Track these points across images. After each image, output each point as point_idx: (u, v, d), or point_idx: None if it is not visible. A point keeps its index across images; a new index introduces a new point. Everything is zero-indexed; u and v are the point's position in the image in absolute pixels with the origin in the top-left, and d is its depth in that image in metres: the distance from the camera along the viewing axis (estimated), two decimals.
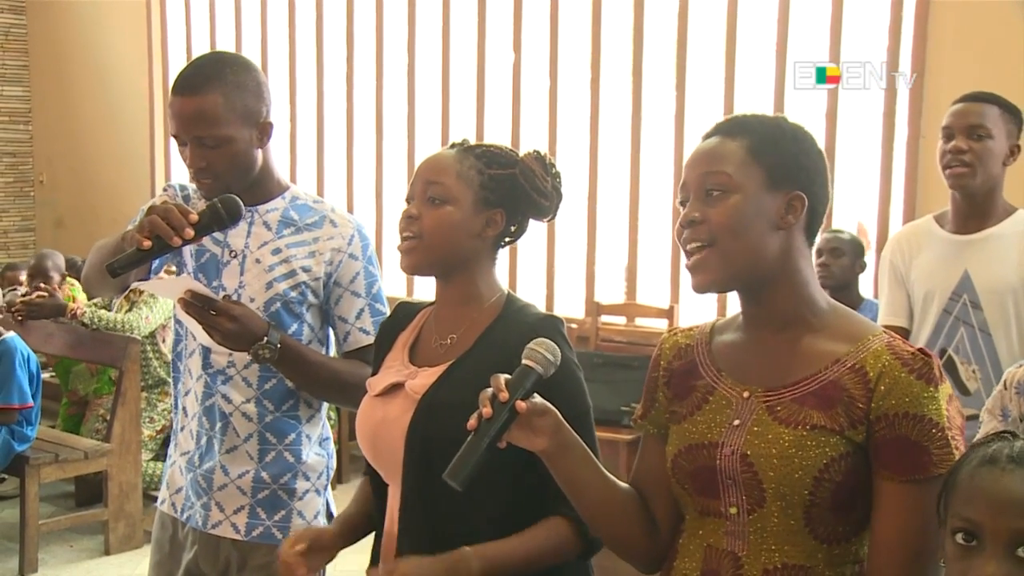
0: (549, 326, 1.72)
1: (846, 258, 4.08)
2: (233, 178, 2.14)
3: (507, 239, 1.88)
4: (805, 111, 4.65)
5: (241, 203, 2.00)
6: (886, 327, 2.89)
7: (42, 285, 5.33)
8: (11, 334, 4.67)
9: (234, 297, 2.13)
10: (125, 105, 7.59)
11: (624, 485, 1.62)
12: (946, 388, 1.44)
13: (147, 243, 1.89)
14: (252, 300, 2.16)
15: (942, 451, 1.39)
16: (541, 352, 1.49)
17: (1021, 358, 2.58)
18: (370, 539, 1.91)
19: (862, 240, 4.28)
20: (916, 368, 1.42)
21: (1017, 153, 2.85)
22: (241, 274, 2.19)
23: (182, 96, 2.10)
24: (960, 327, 2.83)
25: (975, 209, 2.85)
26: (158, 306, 5.10)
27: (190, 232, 1.90)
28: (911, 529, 1.40)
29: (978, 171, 2.79)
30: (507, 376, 1.46)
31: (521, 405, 1.44)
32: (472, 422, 1.43)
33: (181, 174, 7.37)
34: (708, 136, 1.55)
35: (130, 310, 5.17)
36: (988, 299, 2.79)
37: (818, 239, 4.34)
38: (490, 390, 1.45)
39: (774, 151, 1.49)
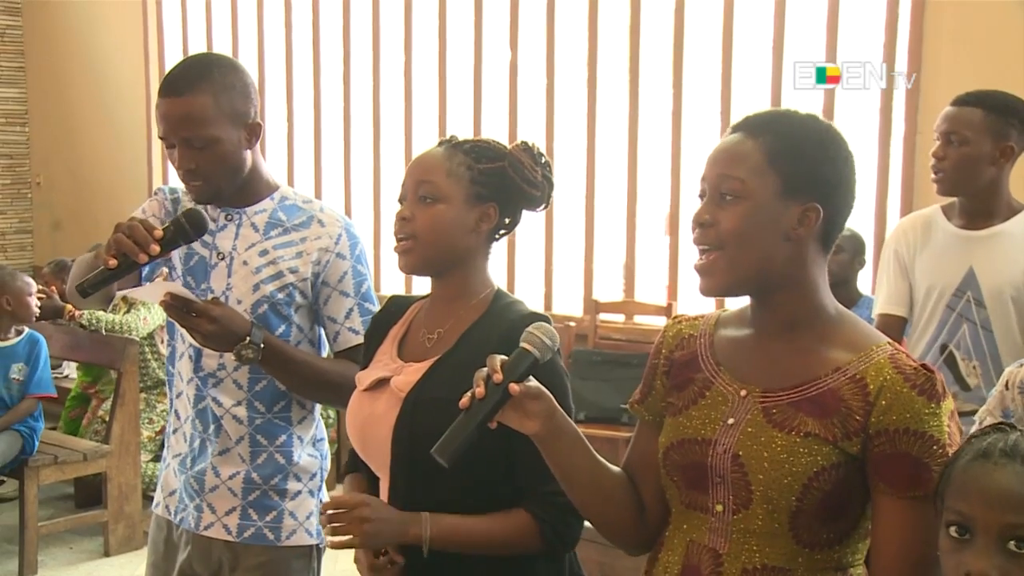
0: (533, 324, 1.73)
1: (845, 254, 4.05)
2: (222, 179, 2.13)
3: (501, 232, 1.88)
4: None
5: (207, 217, 2.01)
6: (884, 315, 2.93)
7: (40, 287, 5.33)
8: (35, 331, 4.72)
9: (222, 299, 2.12)
10: (122, 107, 7.59)
11: (615, 469, 1.62)
12: (948, 404, 1.42)
13: (113, 262, 1.89)
14: (239, 302, 2.15)
15: (943, 468, 1.38)
16: (539, 336, 1.49)
17: (1023, 356, 2.57)
18: None
19: (862, 237, 4.26)
20: (919, 384, 1.40)
21: (1010, 154, 2.79)
22: (229, 276, 2.18)
23: (169, 98, 2.08)
24: (963, 323, 2.82)
25: (979, 207, 2.83)
26: (156, 307, 5.10)
27: (155, 248, 1.90)
28: (913, 544, 1.40)
29: (951, 178, 2.79)
30: (503, 357, 1.46)
31: (515, 387, 1.43)
32: (464, 400, 1.43)
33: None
34: (733, 130, 1.52)
35: (128, 312, 5.17)
36: (992, 297, 2.78)
37: None
38: (485, 370, 1.44)
39: (794, 158, 1.46)
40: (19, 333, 4.63)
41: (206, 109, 2.07)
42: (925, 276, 2.89)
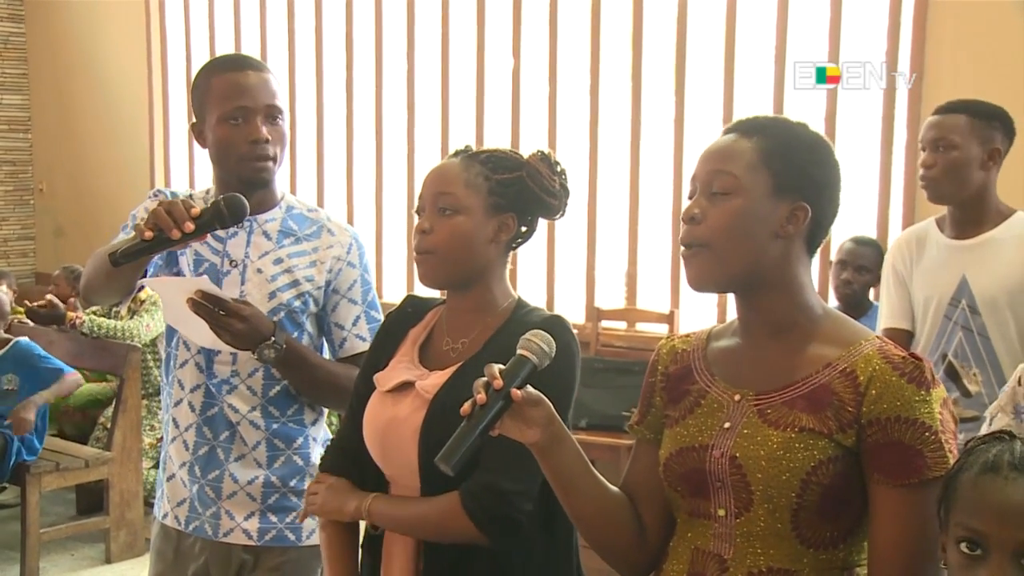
0: (555, 325, 1.72)
1: (870, 275, 3.98)
2: (280, 159, 2.20)
3: (518, 241, 1.88)
4: (805, 111, 4.64)
5: (246, 203, 1.99)
6: (889, 330, 2.95)
7: (48, 295, 5.36)
8: (24, 337, 4.72)
9: None
10: (125, 114, 7.60)
11: (615, 488, 1.61)
12: (939, 392, 1.44)
13: (149, 233, 1.88)
14: None
15: (936, 454, 1.39)
16: (536, 343, 1.49)
17: (1021, 360, 2.59)
18: None
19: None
20: (907, 372, 1.42)
21: (997, 157, 2.85)
22: (242, 284, 2.20)
23: (251, 69, 2.18)
24: (959, 332, 2.85)
25: (968, 215, 2.87)
26: (159, 314, 5.10)
27: (190, 226, 1.88)
28: (909, 533, 1.40)
29: (943, 183, 2.84)
30: (501, 365, 1.46)
31: (516, 393, 1.43)
32: (466, 408, 1.42)
33: (181, 183, 7.37)
34: (726, 132, 1.55)
35: (131, 318, 5.19)
36: (986, 304, 2.81)
37: (843, 248, 4.24)
38: (484, 378, 1.44)
39: (785, 158, 1.49)
40: (4, 343, 4.65)
41: (277, 85, 2.20)
42: (921, 288, 2.94)
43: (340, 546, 1.90)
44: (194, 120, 2.25)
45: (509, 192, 1.81)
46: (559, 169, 1.83)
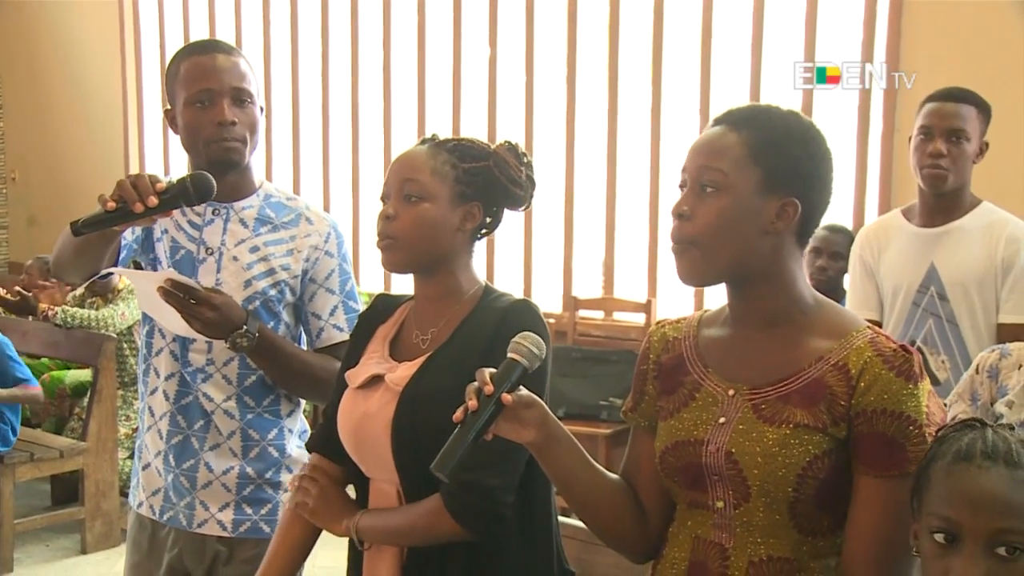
0: (521, 309, 1.74)
1: (845, 262, 4.01)
2: (252, 143, 2.18)
3: (483, 231, 1.88)
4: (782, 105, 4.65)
5: (213, 182, 1.97)
6: None
7: (17, 286, 5.31)
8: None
9: None
10: (98, 102, 7.53)
11: (614, 476, 1.63)
12: (926, 384, 1.44)
13: (112, 204, 1.87)
14: None
15: (918, 448, 1.40)
16: (526, 346, 1.49)
17: (988, 346, 2.62)
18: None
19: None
20: (897, 365, 1.42)
21: (985, 151, 2.90)
22: (218, 271, 2.18)
23: (218, 52, 2.17)
24: (928, 319, 2.88)
25: (943, 205, 2.90)
26: (135, 302, 5.07)
27: (153, 200, 1.86)
28: (886, 523, 1.41)
29: (952, 174, 2.85)
30: (492, 370, 1.46)
31: (507, 398, 1.44)
32: (458, 414, 1.43)
33: (156, 172, 7.32)
34: (716, 123, 1.53)
35: (106, 307, 5.16)
36: (954, 291, 2.85)
37: (817, 236, 4.25)
38: (476, 384, 1.44)
39: (776, 153, 1.47)
40: None
41: (247, 69, 2.18)
42: (890, 277, 2.96)
43: (294, 538, 1.91)
44: (168, 107, 2.25)
45: (476, 181, 1.80)
46: (526, 160, 1.83)
